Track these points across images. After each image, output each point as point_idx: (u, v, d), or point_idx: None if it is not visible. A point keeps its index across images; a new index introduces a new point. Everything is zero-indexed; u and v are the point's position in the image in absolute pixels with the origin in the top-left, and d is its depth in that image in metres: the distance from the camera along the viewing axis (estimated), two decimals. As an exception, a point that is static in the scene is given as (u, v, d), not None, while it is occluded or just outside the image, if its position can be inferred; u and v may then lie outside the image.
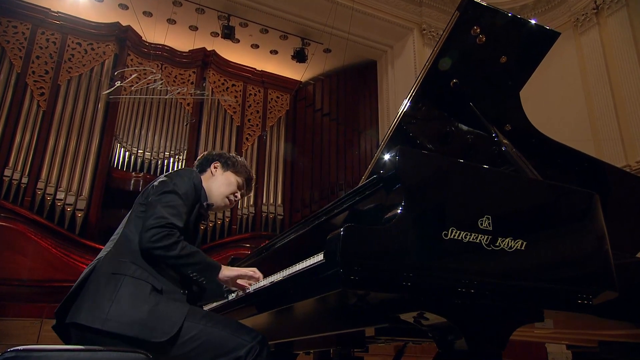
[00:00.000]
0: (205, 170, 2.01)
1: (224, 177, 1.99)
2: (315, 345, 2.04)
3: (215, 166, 2.00)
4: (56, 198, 6.86)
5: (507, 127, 2.37)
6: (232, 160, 2.03)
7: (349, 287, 1.14)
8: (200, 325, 1.52)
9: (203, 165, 2.03)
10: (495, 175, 1.47)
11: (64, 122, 7.27)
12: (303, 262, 1.39)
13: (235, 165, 2.02)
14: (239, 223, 7.98)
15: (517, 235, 1.36)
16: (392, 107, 7.87)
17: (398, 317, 1.32)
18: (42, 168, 6.95)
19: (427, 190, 1.32)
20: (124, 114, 7.77)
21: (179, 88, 7.60)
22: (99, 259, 1.62)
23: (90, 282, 1.55)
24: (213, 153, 2.06)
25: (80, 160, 7.18)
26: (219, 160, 2.02)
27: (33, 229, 6.53)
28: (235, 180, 2.01)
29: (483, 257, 1.31)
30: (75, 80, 7.55)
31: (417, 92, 2.30)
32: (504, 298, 1.30)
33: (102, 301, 1.47)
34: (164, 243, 1.57)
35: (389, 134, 2.39)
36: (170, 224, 1.59)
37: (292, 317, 1.76)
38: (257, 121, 8.78)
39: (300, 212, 8.41)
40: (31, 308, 6.00)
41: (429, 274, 1.23)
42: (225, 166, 2.01)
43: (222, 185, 1.97)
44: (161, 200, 1.64)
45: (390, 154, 1.36)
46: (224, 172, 1.99)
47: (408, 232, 1.24)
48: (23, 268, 6.29)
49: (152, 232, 1.56)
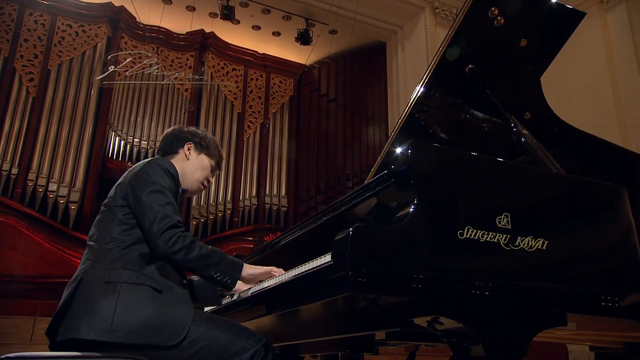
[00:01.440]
0: (176, 151, 1.92)
1: (198, 161, 1.93)
2: (322, 348, 2.04)
3: (189, 147, 1.93)
4: (48, 190, 6.90)
5: (526, 115, 2.35)
6: (205, 140, 1.96)
7: (358, 290, 1.13)
8: (203, 328, 1.53)
9: (173, 145, 1.94)
10: (514, 169, 1.46)
11: (55, 109, 7.28)
12: (309, 262, 1.38)
13: (209, 147, 1.96)
14: (240, 215, 8.00)
15: (538, 233, 1.35)
16: (402, 91, 7.82)
17: (411, 321, 1.32)
18: (32, 158, 6.97)
19: (442, 186, 1.31)
20: (118, 100, 7.77)
21: (176, 73, 7.59)
22: (83, 271, 1.57)
23: (80, 295, 1.51)
24: (184, 130, 1.98)
25: (73, 149, 7.19)
26: (192, 141, 1.94)
27: (24, 222, 6.57)
28: (209, 164, 1.96)
29: (501, 258, 1.30)
30: (66, 64, 7.54)
31: (429, 78, 2.28)
32: (525, 301, 1.29)
33: (102, 312, 1.45)
34: (182, 245, 1.55)
35: (400, 123, 2.38)
36: (178, 222, 1.59)
37: (298, 319, 1.76)
38: (259, 108, 8.76)
39: (305, 203, 8.42)
40: (24, 305, 6.06)
41: (443, 277, 1.22)
42: (199, 148, 1.94)
43: (197, 169, 1.92)
44: (155, 200, 1.61)
45: (402, 148, 1.35)
46: (198, 155, 1.93)
47: (421, 231, 1.23)
48: (14, 263, 6.34)
49: (165, 236, 1.54)
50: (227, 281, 1.64)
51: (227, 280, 1.64)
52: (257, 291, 1.65)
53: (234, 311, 1.85)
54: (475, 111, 2.49)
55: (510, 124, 2.11)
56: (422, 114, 2.49)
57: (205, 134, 2.00)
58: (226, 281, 1.64)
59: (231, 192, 8.06)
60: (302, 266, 1.43)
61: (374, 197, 1.46)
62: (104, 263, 1.56)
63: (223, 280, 1.64)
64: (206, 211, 7.71)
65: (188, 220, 7.55)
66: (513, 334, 1.28)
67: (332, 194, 8.31)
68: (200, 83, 8.03)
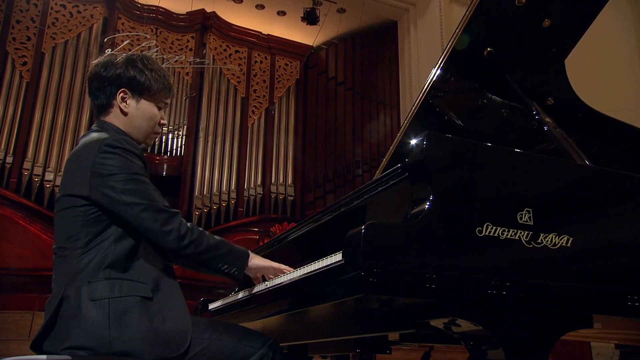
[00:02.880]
0: (110, 103, 1.65)
1: (140, 112, 1.66)
2: (332, 349, 2.05)
3: (123, 97, 1.64)
4: (44, 179, 6.93)
5: (549, 100, 2.32)
6: (141, 77, 1.65)
7: (371, 292, 1.13)
8: (206, 340, 1.51)
9: (105, 94, 1.64)
10: (536, 162, 1.44)
11: (50, 94, 7.29)
12: (319, 261, 1.37)
13: (150, 87, 1.66)
14: (245, 205, 8.02)
15: (562, 230, 1.34)
16: (414, 73, 7.75)
17: (427, 322, 1.31)
18: (28, 146, 7.00)
19: (459, 180, 1.30)
20: (116, 85, 7.75)
21: (176, 56, 7.54)
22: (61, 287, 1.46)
23: (65, 315, 1.42)
24: (111, 65, 1.64)
25: (70, 136, 7.21)
26: (126, 86, 1.64)
27: (20, 213, 6.62)
28: (155, 109, 1.70)
29: (523, 256, 1.29)
30: (60, 47, 7.53)
31: (445, 62, 2.26)
32: (548, 303, 1.28)
33: (97, 335, 1.38)
34: (191, 238, 1.50)
35: (414, 110, 2.36)
36: (172, 209, 1.52)
37: (307, 319, 1.76)
38: (264, 92, 8.72)
39: (312, 192, 8.42)
40: (21, 299, 6.13)
41: (461, 277, 1.21)
42: (137, 93, 1.65)
43: (143, 122, 1.67)
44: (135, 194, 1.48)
45: (416, 139, 1.33)
46: (137, 103, 1.66)
47: (437, 229, 1.22)
48: (11, 256, 6.41)
49: (167, 229, 1.48)
50: (234, 272, 1.61)
51: (235, 271, 1.61)
52: (263, 290, 1.65)
53: (239, 310, 1.85)
54: (493, 96, 2.47)
55: (532, 111, 2.08)
56: (437, 100, 2.47)
57: (138, 63, 1.67)
58: (233, 272, 1.61)
59: (235, 181, 8.07)
60: (310, 265, 1.42)
61: (387, 192, 1.44)
62: (83, 277, 1.45)
63: (230, 272, 1.61)
64: (209, 201, 7.73)
65: (190, 210, 7.57)
66: (535, 338, 1.27)
67: (341, 182, 8.30)
68: (201, 66, 8.00)
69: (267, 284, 1.65)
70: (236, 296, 1.92)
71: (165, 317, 1.47)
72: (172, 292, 1.55)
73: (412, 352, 4.63)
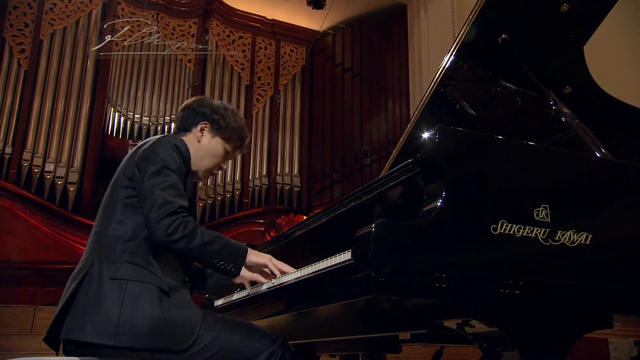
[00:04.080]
0: (189, 129, 1.87)
1: (210, 146, 1.86)
2: (341, 348, 2.05)
3: (203, 128, 1.86)
4: (45, 170, 6.96)
5: (566, 89, 2.29)
6: (225, 121, 1.87)
7: (382, 293, 1.12)
8: (215, 332, 1.54)
9: (188, 120, 1.88)
10: (554, 156, 1.42)
11: (49, 83, 7.30)
12: (327, 259, 1.36)
13: (228, 129, 1.87)
14: (250, 196, 8.02)
15: (581, 227, 1.32)
16: (424, 59, 7.69)
17: (439, 323, 1.31)
18: (27, 136, 7.02)
19: (473, 176, 1.28)
20: (116, 73, 7.76)
21: (178, 42, 7.52)
22: (88, 261, 1.58)
23: (85, 292, 1.52)
24: (204, 104, 1.90)
25: (70, 126, 7.23)
26: (209, 120, 1.86)
27: (21, 205, 6.67)
28: (222, 151, 1.89)
29: (539, 255, 1.28)
30: (59, 34, 7.53)
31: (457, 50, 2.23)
32: (566, 302, 1.27)
33: (108, 313, 1.46)
34: (183, 233, 1.53)
35: (425, 100, 2.33)
36: (180, 208, 1.56)
37: (315, 318, 1.76)
38: (269, 79, 8.69)
39: (319, 182, 8.40)
40: (23, 292, 6.20)
41: (475, 276, 1.20)
42: (215, 129, 1.87)
43: (207, 156, 1.87)
44: (157, 183, 1.58)
45: (429, 133, 1.31)
46: (211, 138, 1.87)
47: (451, 227, 1.21)
48: (12, 249, 6.46)
49: (164, 222, 1.52)
50: (231, 269, 1.63)
51: (231, 268, 1.63)
52: (269, 289, 1.65)
53: (245, 308, 1.86)
54: (507, 84, 2.44)
55: (549, 101, 2.06)
56: (449, 89, 2.45)
57: (228, 112, 1.91)
58: (230, 269, 1.63)
59: (240, 171, 8.07)
60: (318, 263, 1.41)
61: (397, 188, 1.43)
62: (110, 255, 1.56)
63: (227, 269, 1.63)
64: (214, 192, 7.74)
65: (194, 202, 7.59)
66: (553, 339, 1.26)
67: (349, 172, 8.28)
68: (204, 53, 7.98)
69: (273, 281, 1.66)
70: (241, 294, 1.92)
71: (177, 311, 1.52)
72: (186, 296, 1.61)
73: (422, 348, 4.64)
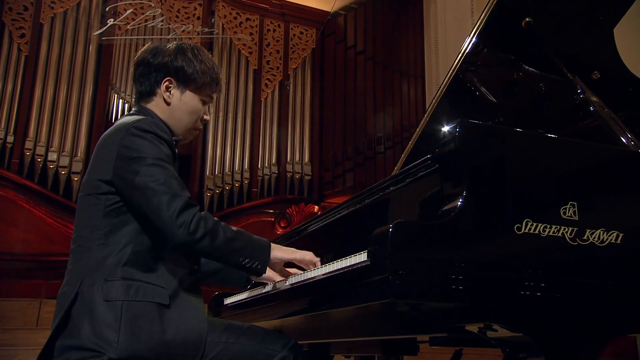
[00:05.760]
0: (153, 91, 1.69)
1: (183, 104, 1.69)
2: (356, 349, 2.06)
3: (168, 86, 1.68)
4: (48, 160, 7.01)
5: (595, 74, 2.26)
6: (189, 67, 1.68)
7: (400, 297, 1.11)
8: (222, 343, 1.52)
9: (149, 81, 1.68)
10: (583, 149, 1.39)
11: (51, 69, 7.32)
12: (341, 260, 1.35)
13: (195, 78, 1.68)
14: (259, 185, 8.03)
15: (611, 225, 1.30)
16: (441, 41, 7.61)
17: (461, 327, 1.29)
18: (29, 124, 7.06)
19: (496, 172, 1.27)
20: (119, 58, 7.75)
21: (183, 25, 7.52)
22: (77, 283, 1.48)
23: (78, 315, 1.45)
24: (159, 53, 1.69)
25: (73, 114, 7.26)
26: (171, 75, 1.67)
27: (24, 195, 6.73)
28: (199, 102, 1.72)
29: (567, 255, 1.27)
30: (60, 17, 7.52)
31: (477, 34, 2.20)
32: (595, 306, 1.26)
33: (106, 339, 1.40)
34: (205, 229, 1.44)
35: (443, 87, 2.31)
36: (189, 199, 1.49)
37: (330, 319, 1.76)
38: (278, 63, 8.65)
39: (331, 171, 8.38)
40: (27, 285, 6.28)
41: (499, 279, 1.19)
42: (183, 83, 1.68)
43: (184, 115, 1.70)
44: (151, 179, 1.46)
45: (448, 126, 1.29)
46: (181, 95, 1.69)
47: (472, 227, 1.20)
48: (15, 240, 6.54)
49: (182, 220, 1.43)
50: (257, 267, 1.56)
51: (257, 265, 1.55)
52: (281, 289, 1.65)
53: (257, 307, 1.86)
54: (530, 68, 2.41)
55: (576, 88, 2.02)
56: (468, 74, 2.42)
57: (189, 54, 1.69)
58: (256, 267, 1.56)
59: (248, 159, 8.06)
60: (332, 263, 1.40)
61: (415, 184, 1.41)
62: (100, 274, 1.47)
63: (253, 267, 1.55)
64: (221, 181, 7.75)
65: (202, 192, 7.61)
66: (581, 345, 1.25)
67: (362, 160, 8.25)
68: (210, 36, 7.96)
69: (286, 281, 1.65)
70: (252, 292, 1.92)
71: (179, 326, 1.48)
72: (191, 298, 1.55)
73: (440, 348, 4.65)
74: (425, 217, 1.26)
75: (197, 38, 8.05)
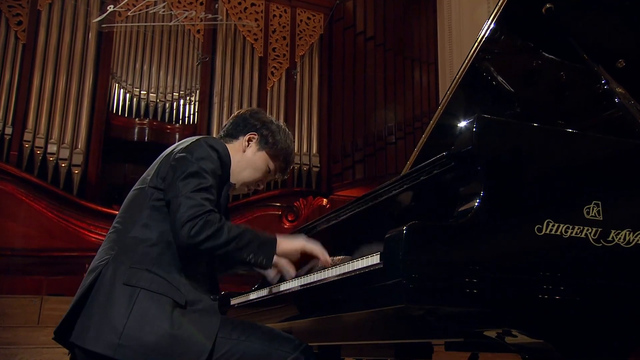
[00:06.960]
0: (236, 137, 1.91)
1: (254, 159, 1.89)
2: (368, 352, 2.05)
3: (251, 138, 1.90)
4: (47, 152, 7.04)
5: (619, 63, 2.22)
6: (274, 137, 1.91)
7: (414, 302, 1.10)
8: (233, 341, 1.56)
9: (237, 128, 1.92)
10: (608, 146, 1.37)
11: (49, 58, 7.34)
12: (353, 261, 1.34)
13: (275, 146, 1.90)
14: (265, 178, 8.03)
15: (637, 225, 1.29)
16: (454, 26, 7.57)
17: (479, 332, 1.29)
18: (27, 115, 7.09)
19: (516, 171, 1.26)
20: (120, 46, 7.77)
21: (185, 12, 7.50)
22: (104, 261, 1.60)
23: (95, 294, 1.55)
24: (257, 116, 1.95)
25: (73, 104, 7.28)
26: (259, 132, 1.90)
27: (23, 189, 6.76)
28: (266, 167, 1.92)
29: (590, 257, 1.26)
30: (58, 4, 7.52)
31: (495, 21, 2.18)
32: (622, 311, 1.24)
33: (113, 321, 1.48)
34: (207, 233, 1.54)
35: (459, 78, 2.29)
36: (207, 211, 1.58)
37: (341, 321, 1.76)
38: (284, 50, 8.62)
39: (340, 162, 8.38)
40: (28, 281, 6.32)
41: (518, 283, 1.18)
42: (263, 143, 1.90)
43: (248, 168, 1.89)
44: (187, 184, 1.59)
45: (465, 122, 1.28)
46: (257, 151, 1.90)
47: (490, 228, 1.19)
48: (15, 235, 6.58)
49: (188, 225, 1.53)
50: (262, 261, 1.65)
51: (262, 260, 1.65)
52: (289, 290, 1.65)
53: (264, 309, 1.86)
54: (550, 56, 2.38)
55: (599, 78, 1.99)
56: (485, 63, 2.40)
57: (280, 131, 1.94)
58: (262, 261, 1.65)
59: (254, 150, 8.07)
60: (343, 265, 1.39)
61: (430, 183, 1.40)
62: (128, 259, 1.58)
63: (258, 261, 1.64)
64: (228, 198, 7.76)
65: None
66: (607, 352, 1.23)
67: (372, 151, 8.23)
68: (214, 23, 7.93)
69: (295, 282, 1.65)
70: (259, 293, 1.92)
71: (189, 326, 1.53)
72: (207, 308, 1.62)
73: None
74: (441, 217, 1.24)
75: (201, 25, 8.03)
